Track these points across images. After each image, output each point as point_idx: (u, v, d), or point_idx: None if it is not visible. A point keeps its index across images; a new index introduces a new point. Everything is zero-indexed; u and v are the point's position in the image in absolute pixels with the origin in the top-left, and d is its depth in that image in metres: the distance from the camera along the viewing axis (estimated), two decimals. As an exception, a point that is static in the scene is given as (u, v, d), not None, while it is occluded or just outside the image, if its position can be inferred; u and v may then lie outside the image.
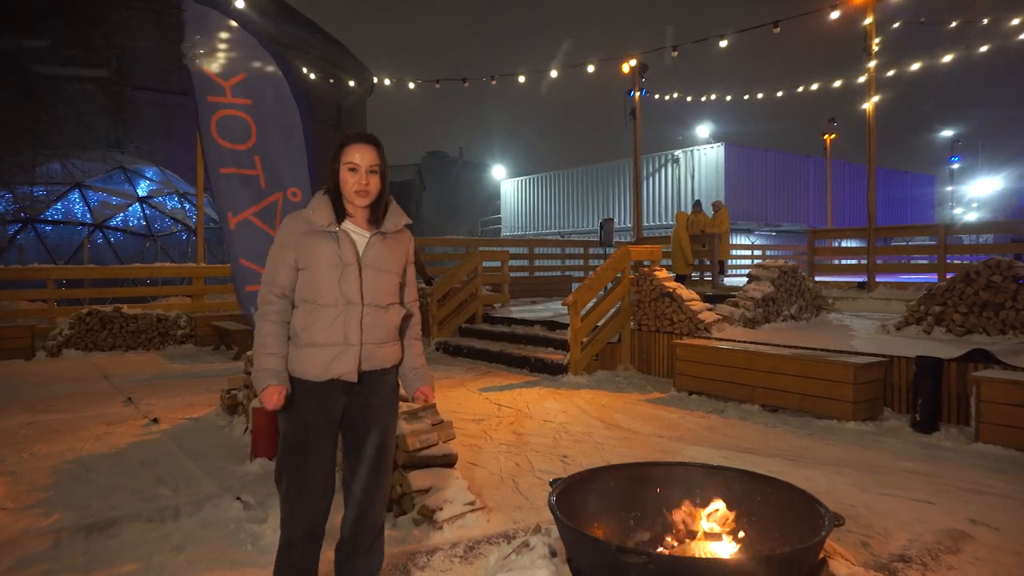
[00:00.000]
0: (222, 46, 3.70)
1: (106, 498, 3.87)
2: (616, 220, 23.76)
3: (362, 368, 2.27)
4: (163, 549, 3.19)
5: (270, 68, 3.70)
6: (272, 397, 2.22)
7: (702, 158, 24.19)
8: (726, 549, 2.43)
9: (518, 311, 11.03)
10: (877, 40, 10.51)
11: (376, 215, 2.33)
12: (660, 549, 2.47)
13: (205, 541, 3.28)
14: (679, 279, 10.98)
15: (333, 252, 2.24)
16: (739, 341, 7.11)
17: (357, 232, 2.31)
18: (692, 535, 2.57)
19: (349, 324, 2.24)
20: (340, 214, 2.30)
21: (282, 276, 2.29)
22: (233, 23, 3.66)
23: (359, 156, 2.25)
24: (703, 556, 2.33)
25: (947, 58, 12.19)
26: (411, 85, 13.25)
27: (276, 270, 2.30)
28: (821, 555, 2.41)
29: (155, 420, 5.75)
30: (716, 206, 14.20)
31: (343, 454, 2.39)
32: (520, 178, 32.64)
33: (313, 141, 3.81)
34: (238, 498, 3.72)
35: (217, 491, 3.94)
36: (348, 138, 2.31)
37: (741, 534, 2.49)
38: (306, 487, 2.26)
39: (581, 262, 18.27)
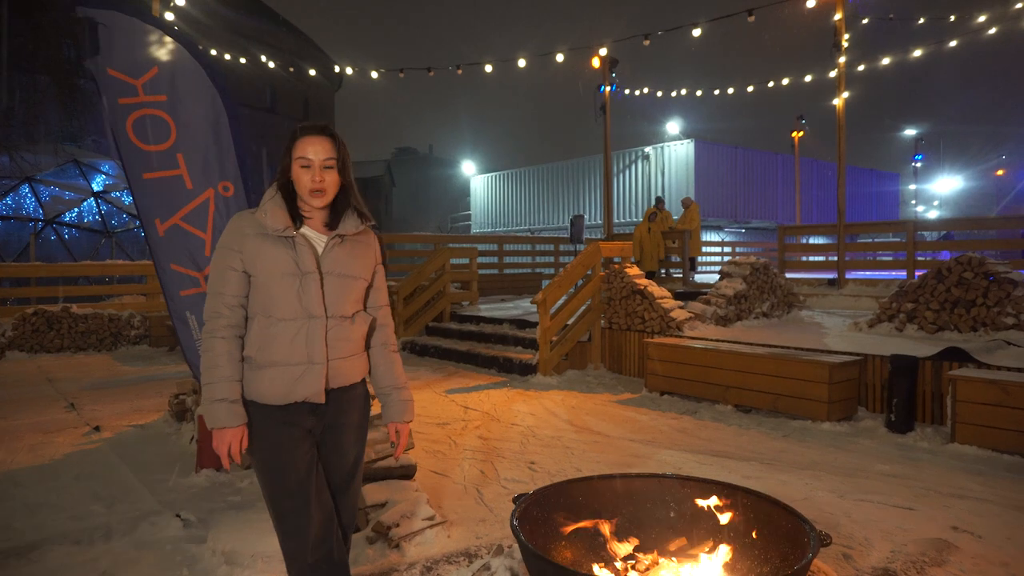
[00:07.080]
0: (126, 44, 3.44)
1: (31, 517, 3.55)
2: (587, 217, 23.63)
3: (329, 386, 2.00)
4: (88, 575, 2.89)
5: (181, 58, 3.43)
6: (225, 442, 1.88)
7: (672, 154, 24.15)
8: (703, 572, 2.23)
9: (487, 309, 10.79)
10: (846, 36, 10.47)
11: (335, 216, 2.03)
12: (633, 574, 2.26)
13: (136, 564, 2.98)
14: (648, 276, 10.83)
15: (289, 259, 1.93)
16: (711, 340, 6.96)
17: (314, 235, 2.01)
18: (668, 554, 2.37)
19: (313, 340, 1.95)
20: (296, 216, 1.99)
21: (232, 285, 1.96)
22: (133, 19, 3.41)
23: (312, 150, 1.95)
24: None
25: (916, 53, 12.23)
26: (374, 74, 12.90)
27: (223, 278, 1.96)
28: (806, 576, 2.22)
29: (97, 428, 5.40)
30: (685, 203, 14.12)
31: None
32: (490, 174, 32.32)
33: (240, 129, 3.55)
34: (177, 515, 3.43)
35: (156, 507, 3.64)
36: (299, 130, 2.00)
37: (719, 554, 2.29)
38: (302, 505, 1.94)
39: (551, 259, 18.12)
